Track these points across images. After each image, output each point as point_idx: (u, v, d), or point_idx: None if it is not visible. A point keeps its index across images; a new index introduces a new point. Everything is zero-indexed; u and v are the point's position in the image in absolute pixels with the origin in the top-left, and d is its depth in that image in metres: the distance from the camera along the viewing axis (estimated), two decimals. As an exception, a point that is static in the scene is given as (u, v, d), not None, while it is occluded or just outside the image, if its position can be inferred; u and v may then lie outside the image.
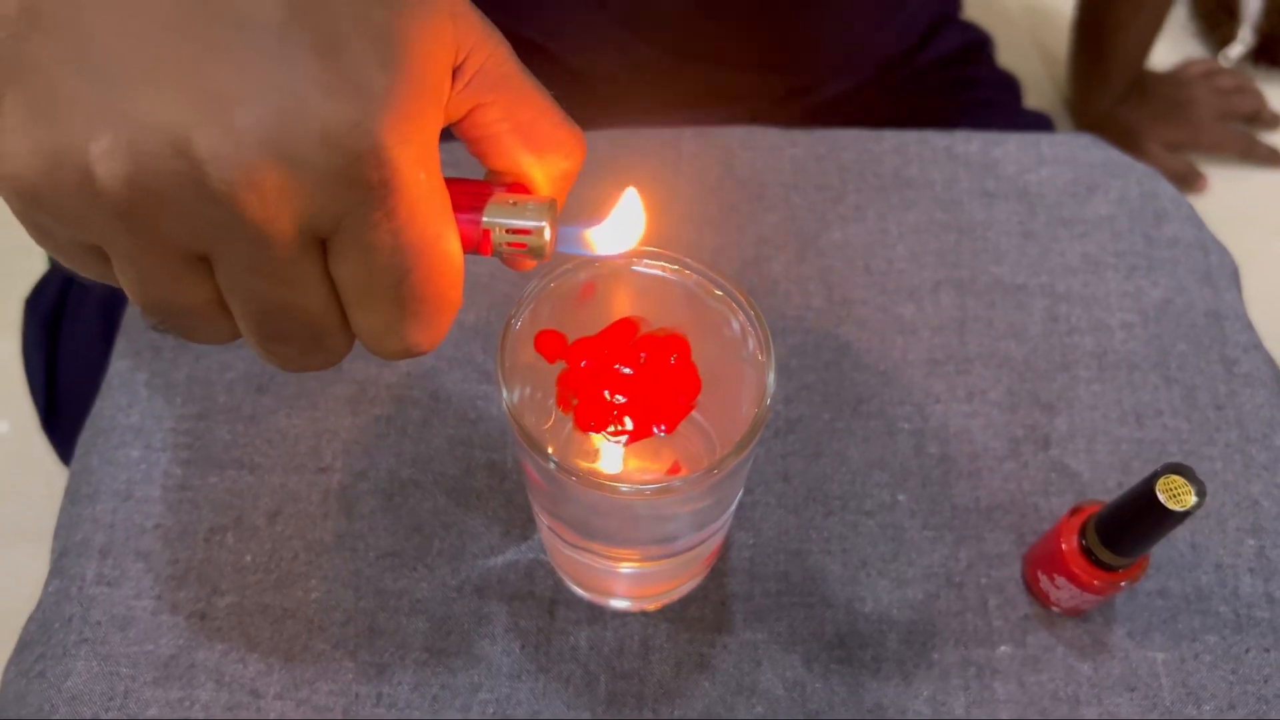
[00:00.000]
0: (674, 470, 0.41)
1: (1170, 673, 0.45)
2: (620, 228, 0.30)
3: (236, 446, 0.49)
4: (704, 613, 0.46)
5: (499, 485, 0.48)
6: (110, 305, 0.67)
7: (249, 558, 0.47)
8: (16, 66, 0.24)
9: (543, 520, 0.43)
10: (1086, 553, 0.42)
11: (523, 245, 0.28)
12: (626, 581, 0.44)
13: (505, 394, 0.34)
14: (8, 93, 0.24)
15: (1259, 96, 1.17)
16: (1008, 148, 0.57)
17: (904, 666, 0.45)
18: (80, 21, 0.24)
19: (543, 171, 0.29)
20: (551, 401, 0.36)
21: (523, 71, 0.28)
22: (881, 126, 0.58)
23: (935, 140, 0.58)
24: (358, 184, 0.24)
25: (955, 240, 0.54)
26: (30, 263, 0.75)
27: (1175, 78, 1.16)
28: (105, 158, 0.23)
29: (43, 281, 0.73)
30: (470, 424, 0.49)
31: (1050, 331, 0.52)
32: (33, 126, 0.23)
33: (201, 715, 0.44)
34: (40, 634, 0.45)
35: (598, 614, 0.46)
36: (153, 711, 0.44)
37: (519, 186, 0.29)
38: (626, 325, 0.35)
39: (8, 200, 0.24)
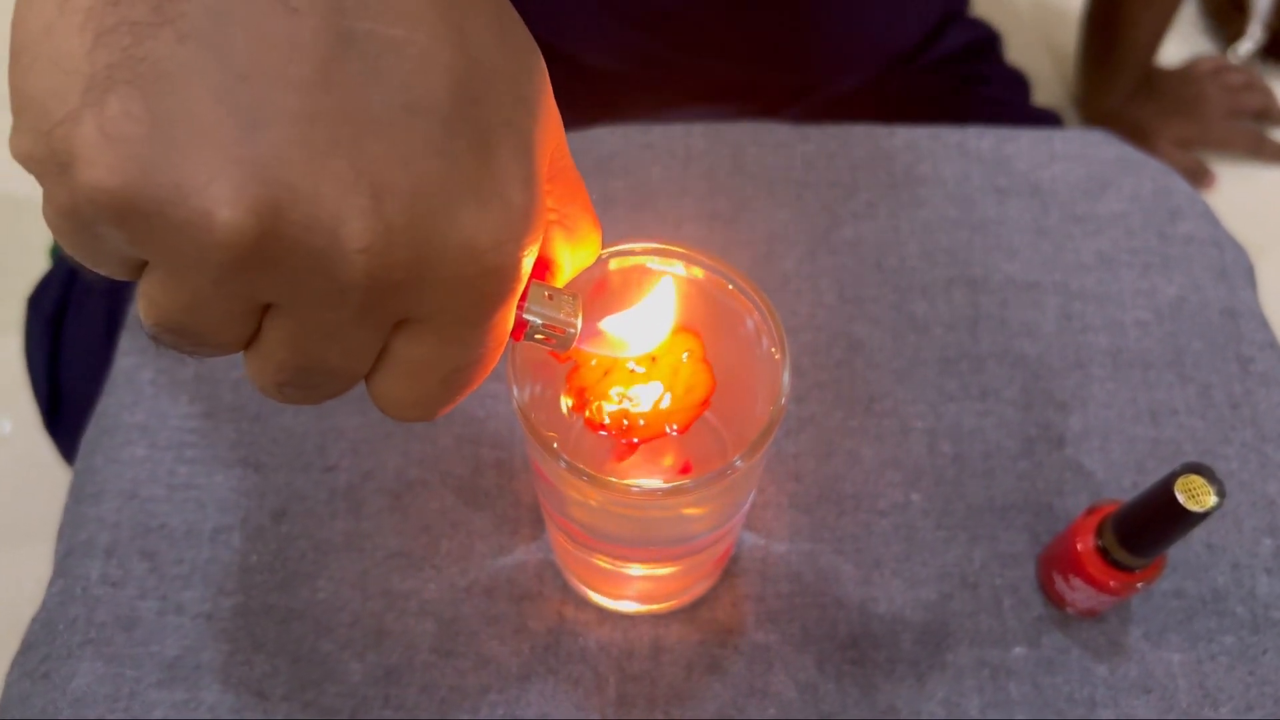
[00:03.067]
0: (685, 470, 0.40)
1: (1187, 674, 0.45)
2: (651, 322, 0.31)
3: (242, 445, 0.48)
4: (715, 614, 0.46)
5: (507, 484, 0.48)
6: (114, 303, 0.66)
7: (255, 558, 0.46)
8: (136, 62, 0.20)
9: (552, 521, 0.42)
10: (1103, 553, 0.42)
11: (553, 340, 0.29)
12: (637, 584, 0.44)
13: (515, 392, 0.33)
14: (120, 91, 0.20)
15: (1269, 93, 1.16)
16: (1020, 144, 0.57)
17: (917, 668, 0.45)
18: (227, 37, 0.21)
19: (571, 260, 0.29)
20: (562, 400, 0.35)
21: (572, 163, 0.28)
22: (891, 123, 0.58)
23: (947, 136, 0.57)
24: (476, 291, 0.23)
25: (968, 237, 0.54)
26: (31, 260, 0.74)
27: (1184, 74, 1.15)
28: (236, 207, 0.20)
29: (45, 280, 0.73)
30: (479, 422, 0.49)
31: (1064, 329, 0.52)
32: (152, 143, 0.20)
33: (207, 716, 0.43)
34: (44, 635, 0.45)
35: (607, 616, 0.45)
36: (158, 713, 0.43)
37: (541, 267, 0.29)
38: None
39: (63, 202, 0.21)
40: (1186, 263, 0.53)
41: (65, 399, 0.69)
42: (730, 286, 0.35)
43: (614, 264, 0.35)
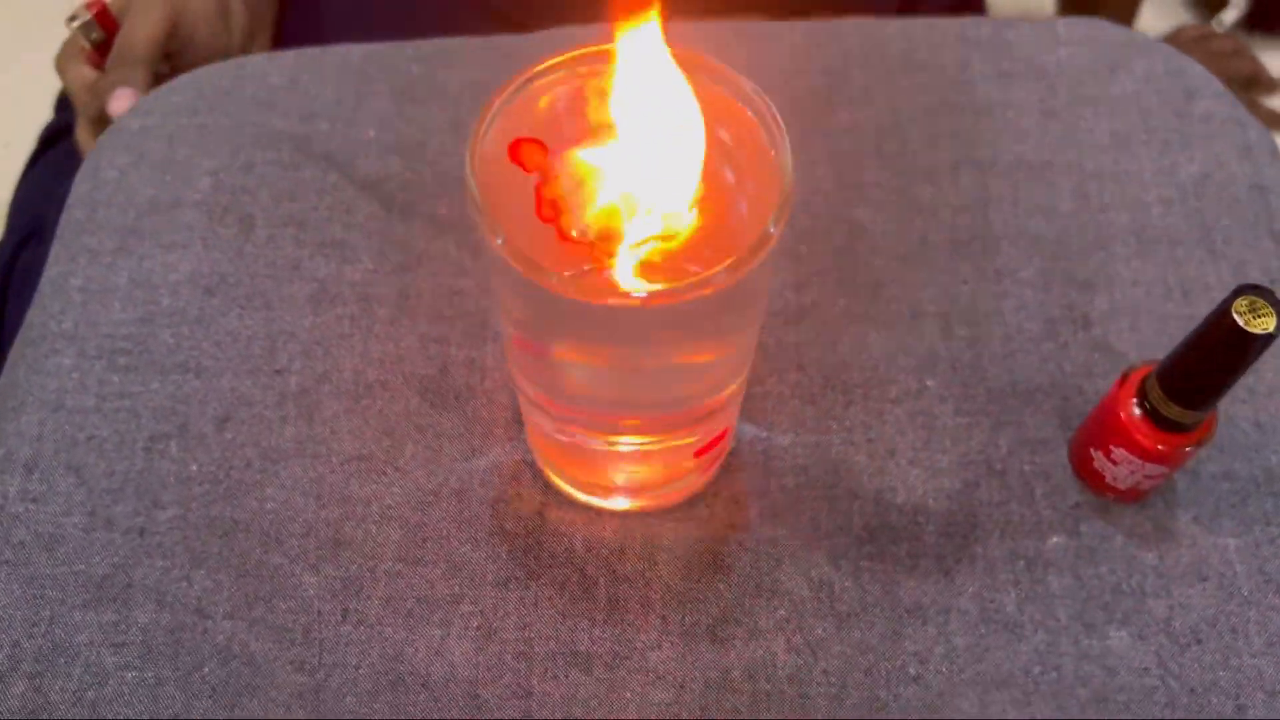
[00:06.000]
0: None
1: (1245, 559, 0.40)
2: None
3: (181, 350, 0.43)
4: (714, 511, 0.41)
5: (479, 384, 0.43)
6: None
7: (195, 467, 0.41)
8: None
9: (529, 398, 0.37)
10: (1150, 414, 0.37)
11: None
12: (625, 469, 0.39)
13: (478, 198, 0.29)
14: None
15: (1255, 60, 1.14)
16: (1020, 30, 0.53)
17: (944, 562, 0.40)
18: None
19: None
20: (532, 221, 0.31)
21: None
22: None
23: (943, 25, 0.53)
24: None
25: (972, 121, 0.50)
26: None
27: (1169, 43, 1.12)
28: None
29: None
30: (446, 321, 0.44)
31: (1081, 209, 0.47)
32: None
33: (139, 639, 0.38)
34: (-45, 560, 0.40)
35: (595, 515, 0.40)
36: (83, 636, 0.38)
37: None
38: None
39: None
40: (1207, 140, 0.49)
41: None
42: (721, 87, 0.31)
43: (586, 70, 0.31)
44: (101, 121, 0.62)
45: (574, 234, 0.29)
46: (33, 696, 0.37)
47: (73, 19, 0.60)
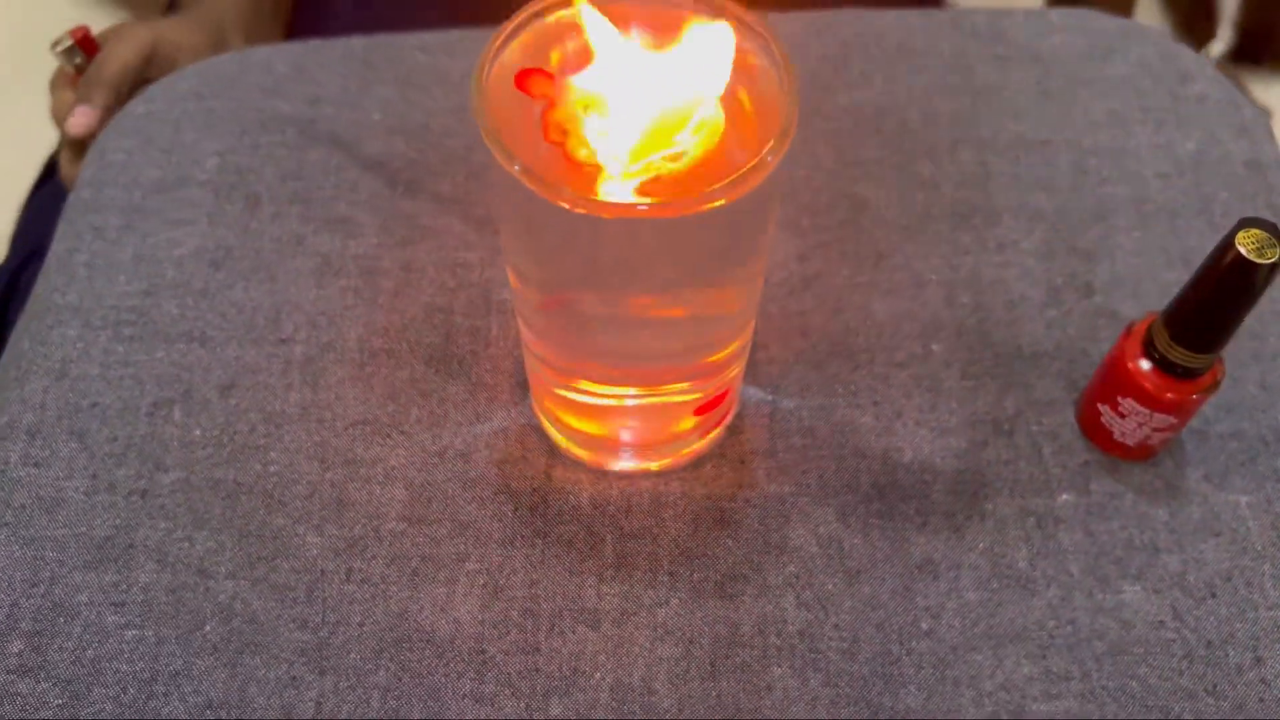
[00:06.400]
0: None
1: (1257, 515, 0.39)
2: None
3: (186, 320, 0.43)
4: (720, 471, 0.40)
5: (484, 351, 0.43)
6: None
7: (198, 432, 0.41)
8: None
9: (537, 354, 0.37)
10: (1158, 363, 0.37)
11: None
12: (629, 423, 0.39)
13: (490, 126, 0.29)
14: None
15: (1244, 92, 1.16)
16: (1015, 18, 0.54)
17: (954, 519, 0.39)
18: None
19: None
20: (537, 155, 0.31)
21: None
22: None
23: (939, 15, 0.54)
24: None
25: (970, 102, 0.50)
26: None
27: None
28: None
29: None
30: (450, 292, 0.44)
31: (1080, 184, 0.48)
32: None
33: (140, 599, 0.37)
34: (-46, 525, 0.39)
35: (601, 475, 0.40)
36: (84, 597, 0.37)
37: None
38: None
39: None
40: (1203, 119, 0.50)
41: None
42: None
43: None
44: (74, 144, 0.62)
45: (582, 154, 0.29)
46: (31, 655, 0.36)
47: (56, 44, 0.61)
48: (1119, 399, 0.39)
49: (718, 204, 0.28)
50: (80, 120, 0.60)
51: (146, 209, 0.46)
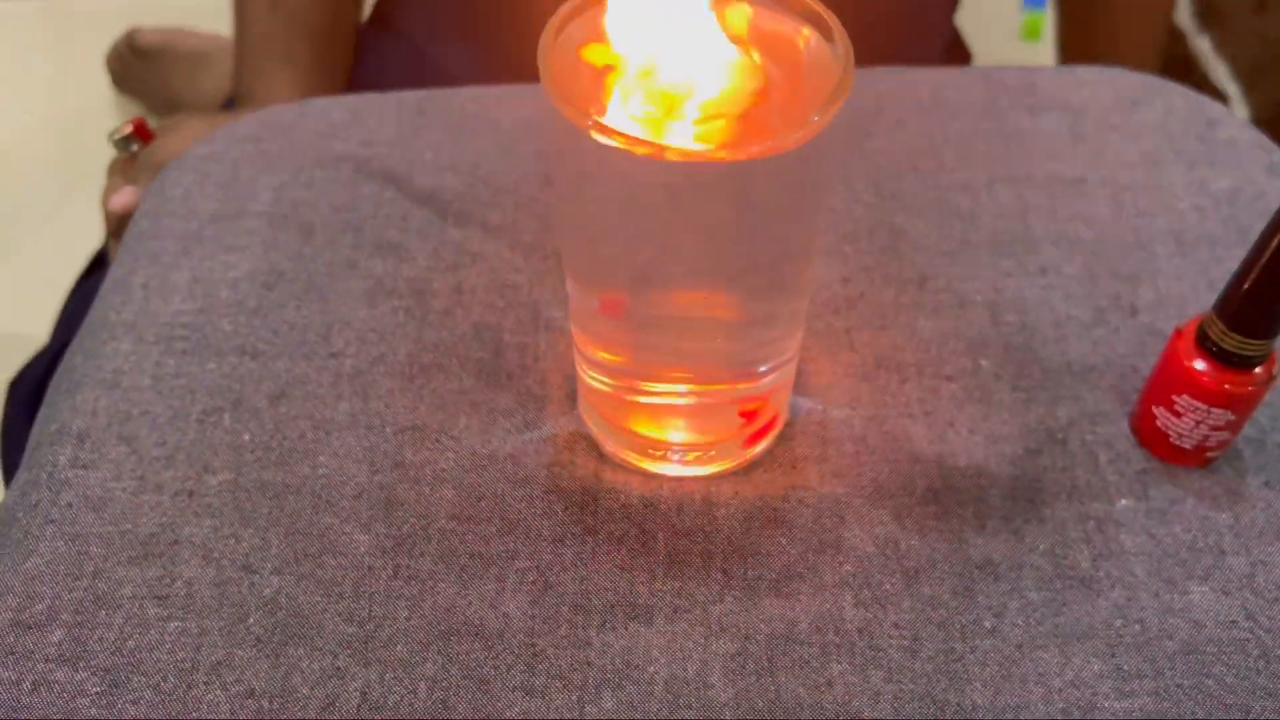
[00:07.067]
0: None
1: (1323, 520, 0.39)
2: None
3: (238, 336, 0.44)
4: (773, 475, 0.40)
5: (532, 365, 0.43)
6: None
7: (247, 437, 0.41)
8: None
9: (588, 358, 0.38)
10: (1213, 354, 0.37)
11: None
12: (680, 424, 0.39)
13: (557, 88, 0.30)
14: None
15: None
16: (1044, 74, 0.56)
17: (1011, 522, 0.39)
18: None
19: None
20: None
21: None
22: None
23: (969, 71, 0.56)
24: None
25: (1004, 145, 0.52)
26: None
27: None
28: None
29: (27, 366, 0.69)
30: (499, 311, 0.45)
31: (1118, 216, 0.49)
32: None
33: (184, 592, 0.36)
34: (2, 526, 0.39)
35: (651, 478, 0.40)
36: (127, 590, 0.36)
37: None
38: None
39: None
40: (1234, 160, 0.51)
41: None
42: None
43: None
44: (118, 230, 0.64)
45: (641, 115, 0.30)
46: (70, 645, 0.35)
47: (114, 134, 0.63)
48: (1174, 398, 0.38)
49: (785, 149, 0.29)
50: (121, 199, 0.62)
51: (203, 237, 0.47)
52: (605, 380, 0.38)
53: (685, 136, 0.30)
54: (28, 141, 1.34)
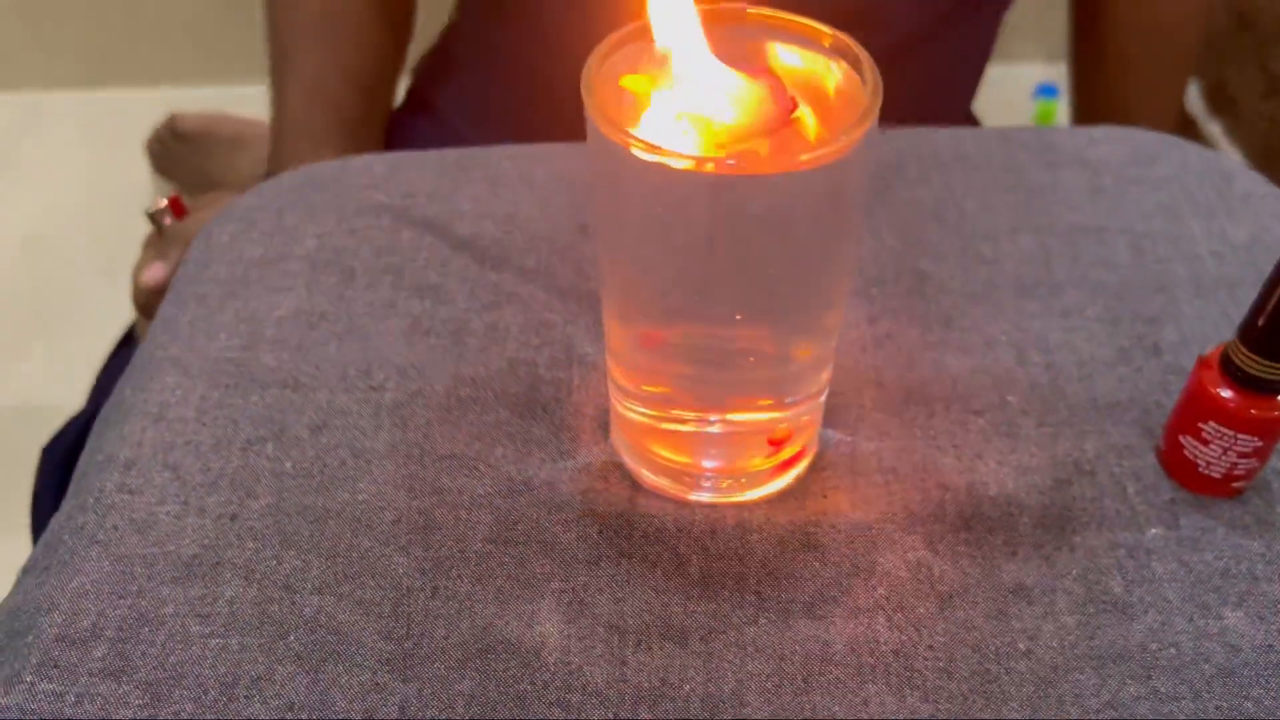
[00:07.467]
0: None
1: (1355, 548, 0.39)
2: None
3: (281, 371, 0.45)
4: (804, 502, 0.40)
5: (566, 399, 0.44)
6: None
7: (289, 465, 0.42)
8: None
9: (622, 388, 0.39)
10: (1238, 379, 0.38)
11: None
12: (713, 451, 0.39)
13: (601, 109, 0.32)
14: None
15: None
16: (1061, 133, 0.58)
17: (1043, 549, 0.39)
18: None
19: None
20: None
21: None
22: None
23: (988, 131, 0.58)
24: None
25: (1025, 197, 0.53)
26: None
27: None
28: None
29: (58, 434, 0.71)
30: (533, 349, 0.46)
31: (1139, 262, 0.50)
32: None
33: (226, 610, 0.37)
34: (48, 548, 0.40)
35: (685, 504, 0.40)
36: (169, 609, 0.37)
37: None
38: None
39: None
40: (1252, 212, 0.52)
41: None
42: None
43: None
44: (145, 304, 0.65)
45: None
46: (114, 659, 0.36)
47: (150, 209, 0.65)
48: (1201, 425, 0.39)
49: (814, 165, 0.30)
50: (151, 274, 0.63)
51: (248, 279, 0.49)
52: (640, 409, 0.39)
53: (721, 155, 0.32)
54: (70, 222, 1.38)
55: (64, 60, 1.55)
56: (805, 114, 0.32)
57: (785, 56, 0.35)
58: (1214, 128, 1.47)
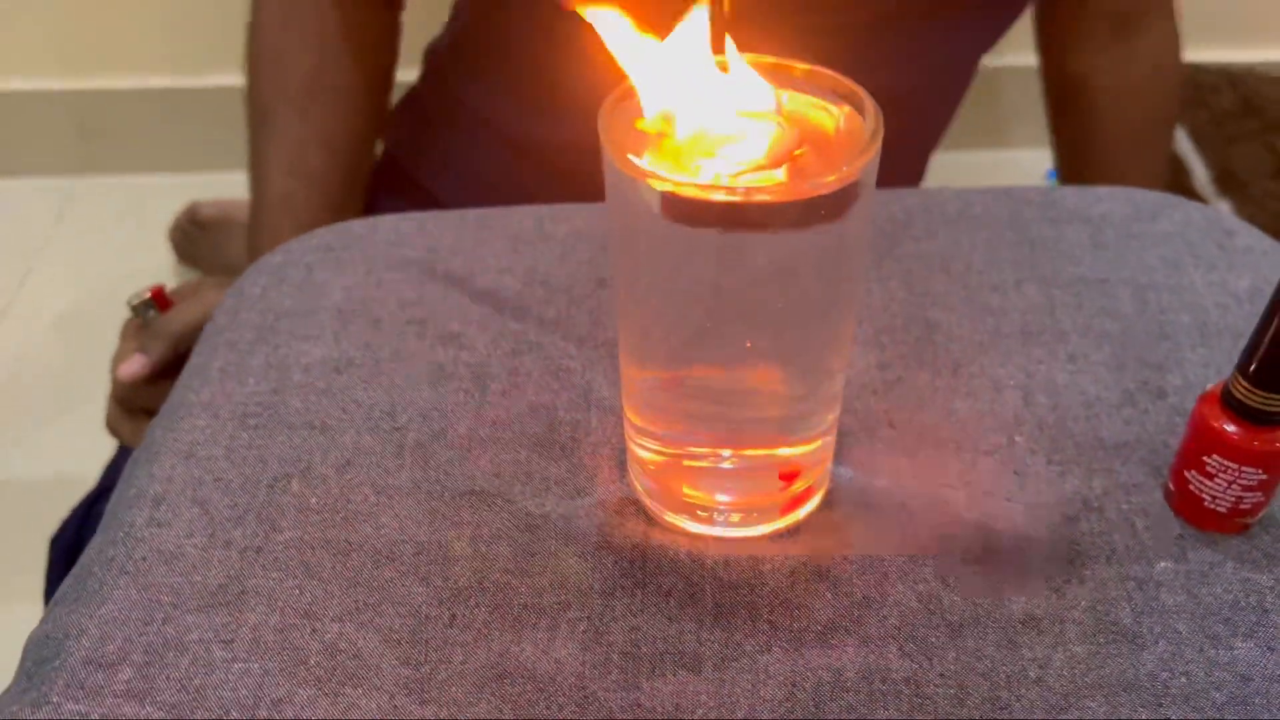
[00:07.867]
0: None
1: (1364, 582, 0.39)
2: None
3: (308, 413, 0.46)
4: (816, 536, 0.41)
5: (584, 439, 0.45)
6: None
7: (314, 500, 0.43)
8: None
9: (638, 427, 0.40)
10: (1239, 412, 0.39)
11: None
12: (727, 485, 0.40)
13: (617, 145, 0.34)
14: None
15: None
16: (1064, 192, 0.59)
17: (1052, 581, 0.39)
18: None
19: None
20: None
21: None
22: None
23: (992, 189, 0.60)
24: None
25: (1029, 250, 0.55)
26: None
27: None
28: None
29: (64, 523, 0.72)
30: (552, 392, 0.47)
31: (1143, 311, 0.51)
32: None
33: (249, 636, 0.38)
34: (78, 580, 0.41)
35: (698, 538, 0.41)
36: (194, 635, 0.38)
37: None
38: None
39: None
40: (1253, 266, 0.54)
41: None
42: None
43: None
44: (120, 397, 0.65)
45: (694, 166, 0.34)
46: (139, 682, 0.36)
47: (132, 299, 0.65)
48: (1205, 459, 0.40)
49: (827, 191, 0.32)
50: (129, 368, 0.63)
51: (278, 328, 0.51)
52: (655, 447, 0.41)
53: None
54: (94, 309, 1.40)
55: (99, 146, 1.60)
56: (807, 152, 0.34)
57: (787, 96, 0.37)
58: (1223, 207, 1.49)
